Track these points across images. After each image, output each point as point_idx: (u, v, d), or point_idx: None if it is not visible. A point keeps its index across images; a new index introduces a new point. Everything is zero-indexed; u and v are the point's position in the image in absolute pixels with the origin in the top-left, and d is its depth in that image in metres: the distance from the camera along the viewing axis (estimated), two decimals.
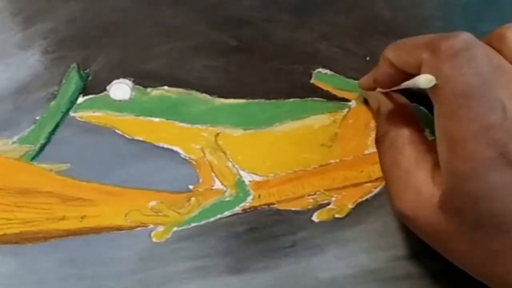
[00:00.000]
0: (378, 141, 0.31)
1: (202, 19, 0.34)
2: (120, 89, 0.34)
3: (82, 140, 0.33)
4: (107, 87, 0.34)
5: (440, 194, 0.27)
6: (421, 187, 0.28)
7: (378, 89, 0.32)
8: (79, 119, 0.34)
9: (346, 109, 0.34)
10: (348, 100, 0.34)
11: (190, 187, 0.34)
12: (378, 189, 0.34)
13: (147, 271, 0.33)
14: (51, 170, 0.33)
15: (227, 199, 0.33)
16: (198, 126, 0.34)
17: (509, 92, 0.26)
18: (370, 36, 0.35)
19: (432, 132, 0.34)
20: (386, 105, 0.32)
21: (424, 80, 0.26)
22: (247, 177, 0.34)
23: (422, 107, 0.34)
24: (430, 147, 0.29)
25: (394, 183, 0.29)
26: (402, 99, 0.32)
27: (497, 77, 0.26)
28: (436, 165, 0.28)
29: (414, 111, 0.31)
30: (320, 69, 0.34)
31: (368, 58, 0.34)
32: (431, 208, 0.27)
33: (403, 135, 0.30)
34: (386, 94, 0.32)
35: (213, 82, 0.34)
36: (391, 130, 0.30)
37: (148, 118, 0.34)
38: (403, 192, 0.29)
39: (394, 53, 0.29)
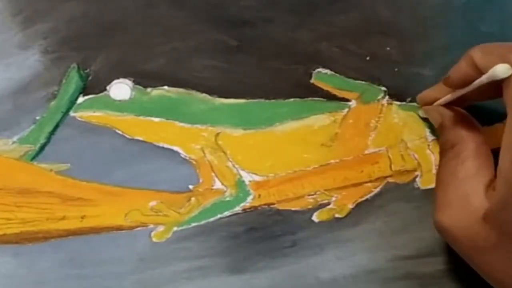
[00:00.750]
0: (443, 152, 0.31)
1: (202, 19, 0.34)
2: (120, 89, 0.34)
3: (82, 140, 0.33)
4: (107, 87, 0.34)
5: (489, 205, 0.27)
6: (471, 197, 0.27)
7: (437, 102, 0.32)
8: (79, 119, 0.34)
9: (346, 109, 0.34)
10: (348, 100, 0.34)
11: (190, 187, 0.34)
12: (378, 189, 0.34)
13: (147, 271, 0.33)
14: (51, 170, 0.33)
15: (227, 199, 0.33)
16: (198, 126, 0.34)
17: None
18: (370, 36, 0.35)
19: (432, 132, 0.34)
20: (451, 117, 0.31)
21: (502, 69, 0.25)
22: (247, 177, 0.34)
23: None
24: (492, 163, 0.29)
25: (444, 192, 0.29)
26: (464, 112, 0.32)
27: None
28: (493, 180, 0.28)
29: (478, 124, 0.31)
30: (320, 69, 0.34)
31: (368, 58, 0.35)
32: (475, 219, 0.27)
33: (469, 147, 0.29)
34: (447, 107, 0.32)
35: (213, 82, 0.34)
36: (458, 142, 0.30)
37: (148, 118, 0.34)
38: (450, 201, 0.28)
39: (483, 54, 0.28)
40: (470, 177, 0.28)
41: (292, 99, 0.34)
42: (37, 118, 0.33)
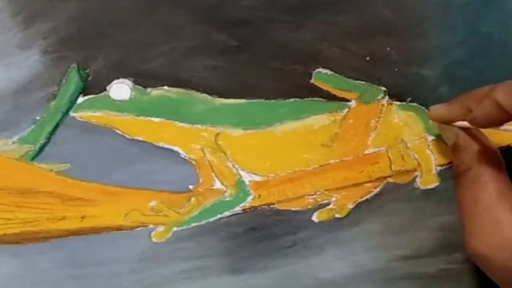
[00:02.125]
0: (459, 175, 0.31)
1: (202, 19, 0.34)
2: (120, 89, 0.34)
3: (82, 140, 0.33)
4: (107, 87, 0.34)
5: None
6: (503, 225, 0.27)
7: (458, 123, 0.31)
8: (79, 119, 0.34)
9: (346, 109, 0.34)
10: (348, 100, 0.34)
11: (190, 187, 0.34)
12: (378, 189, 0.34)
13: (147, 271, 0.33)
14: (51, 170, 0.33)
15: (227, 199, 0.33)
16: (198, 126, 0.34)
17: None
18: (370, 36, 0.35)
19: (429, 131, 0.34)
20: (466, 140, 0.31)
21: None
22: (247, 177, 0.34)
23: (422, 107, 0.34)
24: (510, 185, 0.29)
25: (472, 219, 0.29)
26: (482, 134, 0.31)
27: None
28: None
29: (495, 146, 0.31)
30: (320, 69, 0.34)
31: (368, 58, 0.34)
32: (510, 248, 0.27)
33: (487, 172, 0.29)
34: (465, 129, 0.31)
35: (213, 82, 0.34)
36: (474, 165, 0.30)
37: (148, 118, 0.34)
38: (481, 230, 0.28)
39: (507, 96, 0.27)
40: (495, 204, 0.28)
41: (292, 99, 0.34)
42: (37, 118, 0.33)
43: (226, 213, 0.33)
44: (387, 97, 0.34)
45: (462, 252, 0.33)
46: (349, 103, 0.34)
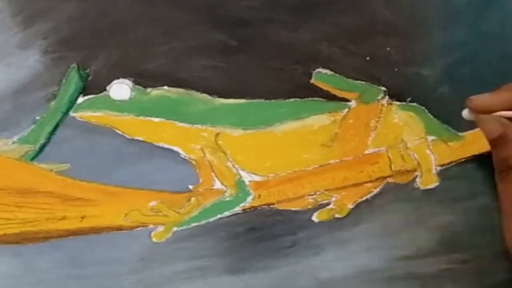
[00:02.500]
0: (507, 168, 0.29)
1: (202, 19, 0.34)
2: (120, 89, 0.34)
3: (82, 140, 0.33)
4: (107, 87, 0.34)
5: None
6: None
7: (504, 113, 0.29)
8: (79, 119, 0.34)
9: (346, 109, 0.34)
10: (348, 100, 0.34)
11: (190, 187, 0.34)
12: (378, 189, 0.34)
13: (147, 271, 0.33)
14: (51, 170, 0.33)
15: (227, 199, 0.34)
16: (198, 126, 0.34)
17: None
18: (370, 36, 0.35)
19: (429, 131, 0.34)
20: None
21: None
22: (247, 177, 0.34)
23: (422, 107, 0.34)
24: None
25: None
26: None
27: None
28: None
29: None
30: (320, 69, 0.34)
31: (368, 58, 0.35)
32: None
33: None
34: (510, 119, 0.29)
35: (213, 82, 0.34)
36: None
37: (148, 118, 0.34)
38: None
39: None
40: None
41: (292, 99, 0.34)
42: (37, 118, 0.33)
43: (226, 213, 0.33)
44: (387, 97, 0.34)
45: (462, 252, 0.33)
46: (349, 103, 0.34)
